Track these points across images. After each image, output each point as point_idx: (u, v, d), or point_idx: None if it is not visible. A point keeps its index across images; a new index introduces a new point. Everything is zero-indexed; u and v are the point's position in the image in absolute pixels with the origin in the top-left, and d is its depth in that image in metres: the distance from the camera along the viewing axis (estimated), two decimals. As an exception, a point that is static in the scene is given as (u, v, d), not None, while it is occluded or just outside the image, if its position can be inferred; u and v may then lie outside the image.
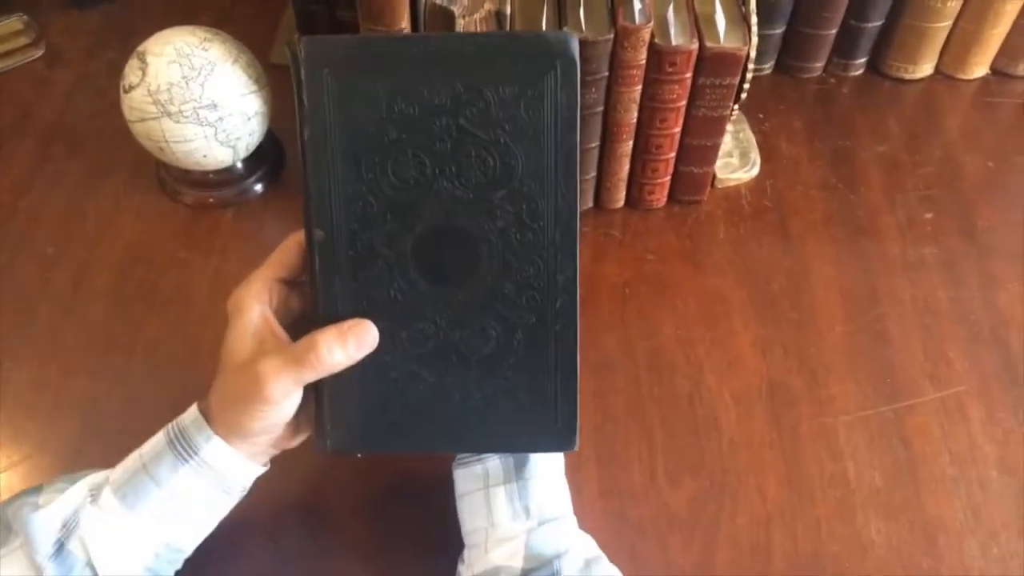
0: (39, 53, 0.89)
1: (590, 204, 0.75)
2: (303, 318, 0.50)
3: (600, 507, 0.58)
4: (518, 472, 0.50)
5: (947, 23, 0.81)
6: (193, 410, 0.49)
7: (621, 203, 0.75)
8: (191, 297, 0.68)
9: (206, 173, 0.73)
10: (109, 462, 0.59)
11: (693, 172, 0.72)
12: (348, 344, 0.46)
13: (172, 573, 0.50)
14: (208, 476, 0.48)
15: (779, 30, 0.82)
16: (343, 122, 0.44)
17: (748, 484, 0.59)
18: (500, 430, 0.48)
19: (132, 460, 0.49)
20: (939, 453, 0.60)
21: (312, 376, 0.46)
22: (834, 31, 0.82)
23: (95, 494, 0.48)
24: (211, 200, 0.75)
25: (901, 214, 0.75)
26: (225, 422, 0.47)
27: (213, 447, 0.47)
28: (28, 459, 0.60)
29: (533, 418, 0.48)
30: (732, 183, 0.77)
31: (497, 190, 0.44)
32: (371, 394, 0.48)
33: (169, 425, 0.49)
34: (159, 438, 0.49)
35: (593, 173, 0.72)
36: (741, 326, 0.67)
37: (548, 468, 0.51)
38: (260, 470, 0.51)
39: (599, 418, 0.63)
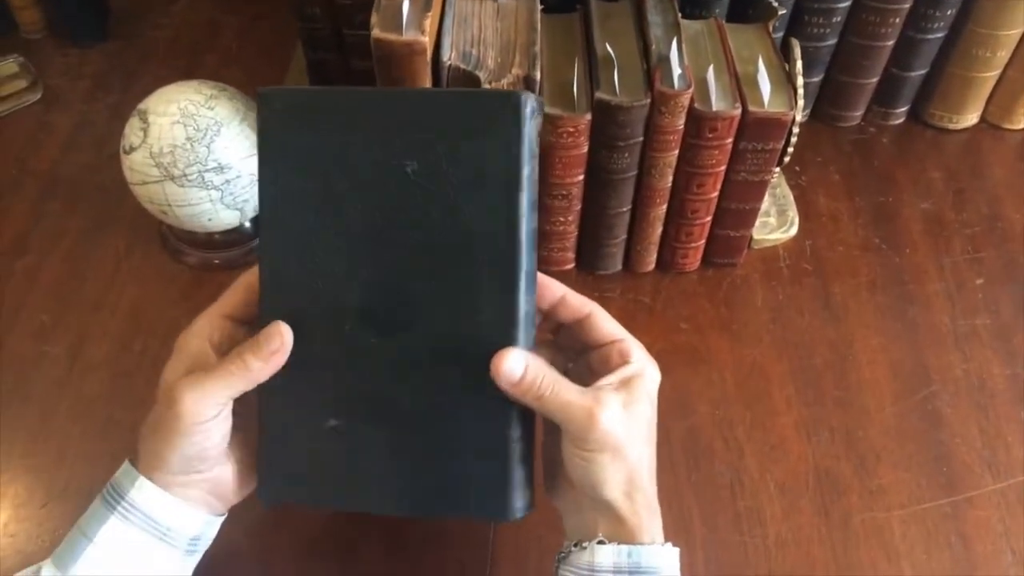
0: (36, 97, 0.85)
1: (619, 267, 0.71)
2: None
3: (637, 614, 0.54)
4: None
5: (995, 73, 0.76)
6: (124, 463, 0.46)
7: (652, 266, 0.71)
8: (195, 373, 0.64)
9: (212, 234, 0.69)
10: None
11: (730, 235, 0.68)
12: (261, 347, 0.43)
13: None
14: (140, 522, 0.44)
15: (817, 78, 0.78)
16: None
17: (797, 589, 0.55)
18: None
19: (71, 530, 0.46)
20: (1001, 552, 0.56)
21: (225, 386, 0.43)
22: (875, 80, 0.78)
23: (37, 571, 0.45)
24: (216, 261, 0.71)
25: (950, 279, 0.70)
26: (147, 459, 0.44)
27: (139, 488, 0.44)
28: (19, 554, 0.56)
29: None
30: (769, 244, 0.72)
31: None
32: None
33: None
34: (95, 500, 0.46)
35: (623, 236, 0.68)
36: (783, 405, 0.63)
37: None
38: (206, 517, 0.46)
39: (634, 508, 0.58)
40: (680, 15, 0.63)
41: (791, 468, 0.60)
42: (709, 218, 0.66)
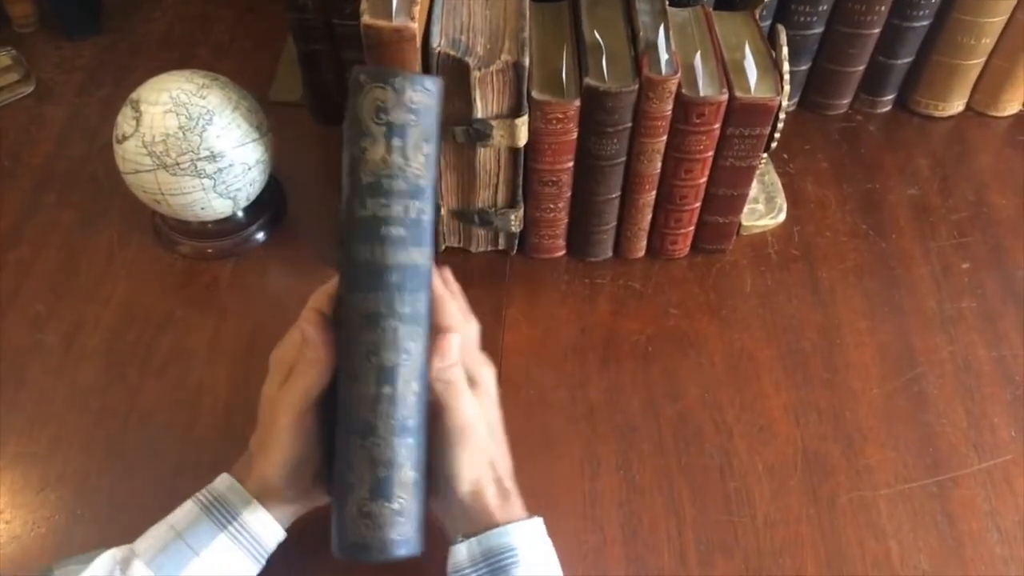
0: (29, 89, 0.85)
1: (609, 254, 0.71)
2: None
3: (628, 593, 0.55)
4: None
5: (980, 60, 0.77)
6: (226, 478, 0.48)
7: (642, 253, 0.71)
8: (188, 361, 0.64)
9: (204, 223, 0.70)
10: (104, 542, 0.55)
11: (718, 221, 0.69)
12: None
13: None
14: (246, 542, 0.47)
15: (804, 67, 0.79)
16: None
17: (786, 567, 0.55)
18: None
19: (161, 531, 0.47)
20: (987, 530, 0.57)
21: (304, 382, 0.46)
22: (862, 68, 0.78)
23: (123, 567, 0.46)
24: (209, 251, 0.71)
25: (936, 263, 0.71)
26: (259, 476, 0.47)
27: (253, 511, 0.47)
28: (16, 540, 0.56)
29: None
30: (758, 230, 0.73)
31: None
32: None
33: (199, 494, 0.48)
34: (190, 507, 0.48)
35: (613, 223, 0.69)
36: (772, 388, 0.64)
37: None
38: (283, 536, 0.49)
39: (624, 491, 0.59)
40: (667, 2, 0.64)
41: (779, 449, 0.61)
42: (698, 204, 0.67)
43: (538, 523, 0.48)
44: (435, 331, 0.45)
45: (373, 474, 0.40)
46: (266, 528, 0.47)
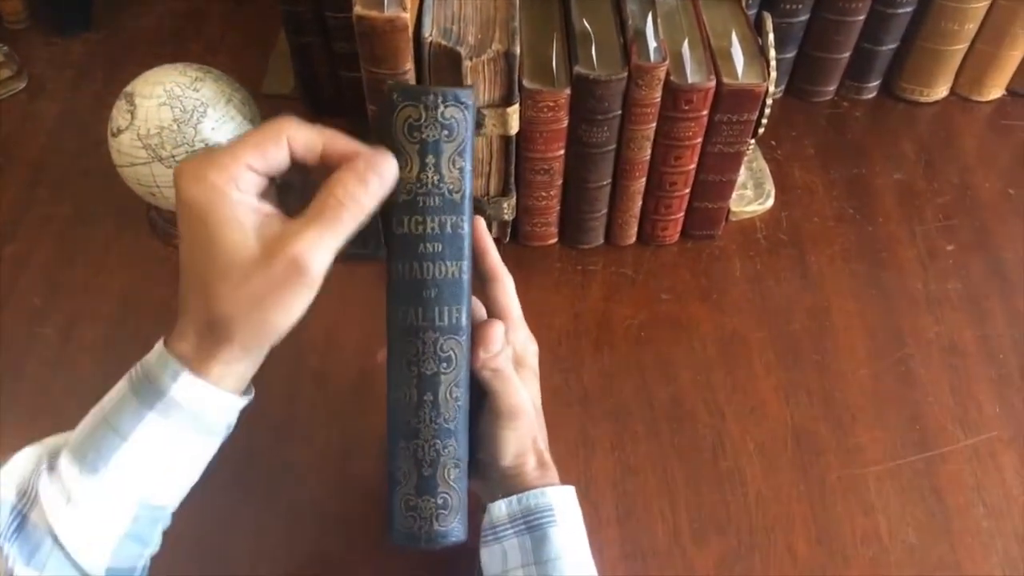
0: (22, 85, 0.85)
1: (601, 241, 0.72)
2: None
3: (623, 571, 0.55)
4: (536, 553, 0.47)
5: (963, 45, 0.78)
6: (158, 346, 0.40)
7: (632, 239, 0.72)
8: (187, 351, 0.65)
9: (200, 216, 0.70)
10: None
11: (708, 207, 0.70)
12: (371, 182, 0.39)
13: (160, 533, 0.43)
14: (180, 420, 0.40)
15: (790, 54, 0.80)
16: None
17: (777, 543, 0.56)
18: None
19: (93, 413, 0.41)
20: (973, 505, 0.58)
21: (347, 230, 0.38)
22: (847, 54, 0.79)
23: (53, 460, 0.41)
24: (205, 243, 0.72)
25: (922, 246, 0.72)
26: (252, 330, 0.39)
27: (182, 385, 0.39)
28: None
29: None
30: (747, 216, 0.74)
31: None
32: None
33: (135, 366, 0.41)
34: (121, 385, 0.41)
35: (604, 210, 0.69)
36: (762, 370, 0.65)
37: (572, 549, 0.48)
38: (242, 402, 0.42)
39: (619, 472, 0.60)
40: (655, -9, 0.65)
41: (770, 430, 0.62)
42: (687, 190, 0.68)
43: (572, 491, 0.49)
44: (491, 306, 0.47)
45: (417, 472, 0.42)
46: (206, 402, 0.40)
